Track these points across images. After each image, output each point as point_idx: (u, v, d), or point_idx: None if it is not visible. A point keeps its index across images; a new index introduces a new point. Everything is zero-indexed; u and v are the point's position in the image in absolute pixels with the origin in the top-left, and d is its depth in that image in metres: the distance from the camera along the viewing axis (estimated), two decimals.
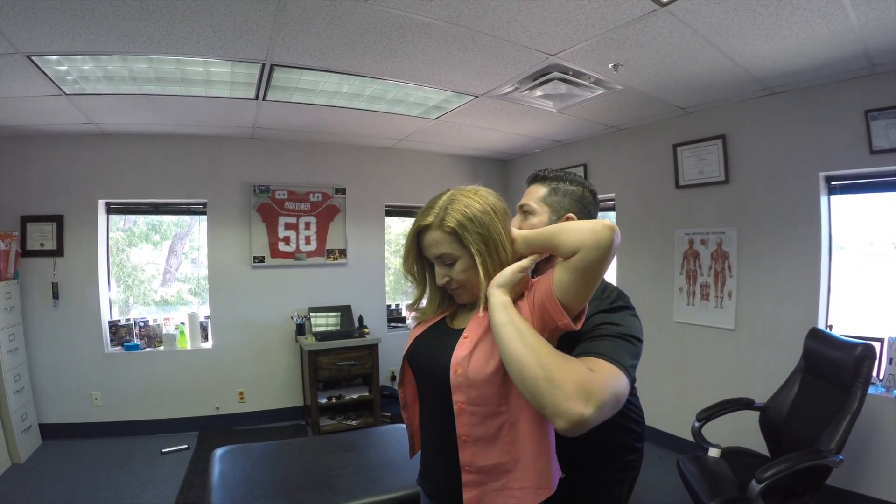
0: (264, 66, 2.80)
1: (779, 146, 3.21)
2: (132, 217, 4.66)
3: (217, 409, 4.27)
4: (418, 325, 1.31)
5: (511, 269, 1.10)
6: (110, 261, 4.29)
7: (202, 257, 4.46)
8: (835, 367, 2.47)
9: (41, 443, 3.83)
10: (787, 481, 2.25)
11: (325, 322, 4.45)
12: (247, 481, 2.32)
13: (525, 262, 1.12)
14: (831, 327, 3.09)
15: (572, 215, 1.40)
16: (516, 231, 1.17)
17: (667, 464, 3.41)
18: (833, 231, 3.13)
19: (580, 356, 1.07)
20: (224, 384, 4.30)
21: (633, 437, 1.49)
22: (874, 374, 2.81)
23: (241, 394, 4.37)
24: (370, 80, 3.05)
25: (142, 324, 4.20)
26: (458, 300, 1.23)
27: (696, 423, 2.74)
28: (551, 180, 1.45)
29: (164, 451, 3.73)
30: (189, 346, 4.24)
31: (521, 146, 5.04)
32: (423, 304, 1.32)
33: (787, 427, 2.63)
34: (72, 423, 3.95)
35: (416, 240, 1.20)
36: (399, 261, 1.16)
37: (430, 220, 1.14)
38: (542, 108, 3.59)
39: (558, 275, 1.04)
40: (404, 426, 1.39)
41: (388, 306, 5.13)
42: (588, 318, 1.16)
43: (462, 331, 1.16)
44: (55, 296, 3.91)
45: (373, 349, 4.29)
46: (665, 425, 3.90)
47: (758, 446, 2.77)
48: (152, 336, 4.19)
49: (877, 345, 2.84)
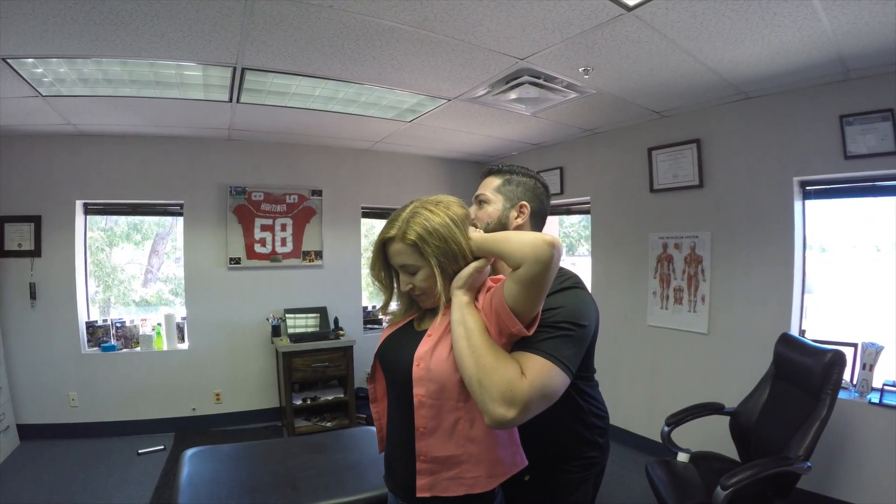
0: (235, 69, 2.80)
1: (753, 151, 3.21)
2: (113, 217, 4.66)
3: (193, 410, 4.28)
4: (390, 326, 1.39)
5: (467, 270, 1.19)
6: (89, 260, 4.28)
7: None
8: (805, 373, 2.46)
9: (19, 443, 3.83)
10: (756, 487, 2.24)
11: (300, 324, 4.45)
12: (213, 482, 2.34)
13: (479, 262, 1.20)
14: (804, 332, 3.09)
15: (525, 203, 1.49)
16: (472, 233, 1.23)
17: (639, 467, 3.42)
18: (808, 235, 3.13)
19: (521, 349, 1.16)
20: (200, 385, 4.30)
21: (595, 432, 1.50)
22: (847, 378, 2.83)
23: (218, 395, 4.37)
24: (343, 84, 3.04)
25: (119, 324, 4.20)
26: (422, 305, 1.30)
27: (666, 428, 2.75)
28: (505, 172, 1.54)
29: (140, 451, 3.73)
30: (166, 347, 4.24)
31: (497, 149, 5.04)
32: (393, 307, 1.39)
33: (757, 432, 2.62)
34: (49, 424, 3.95)
35: (382, 250, 1.27)
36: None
37: (393, 232, 1.21)
38: (517, 112, 3.59)
39: (507, 285, 1.11)
40: (374, 428, 1.45)
41: (365, 308, 5.13)
42: None
43: (424, 331, 1.25)
44: (33, 296, 3.90)
45: (347, 351, 4.30)
46: (638, 428, 3.91)
47: (728, 451, 2.77)
48: (129, 337, 4.18)
49: (850, 350, 2.86)
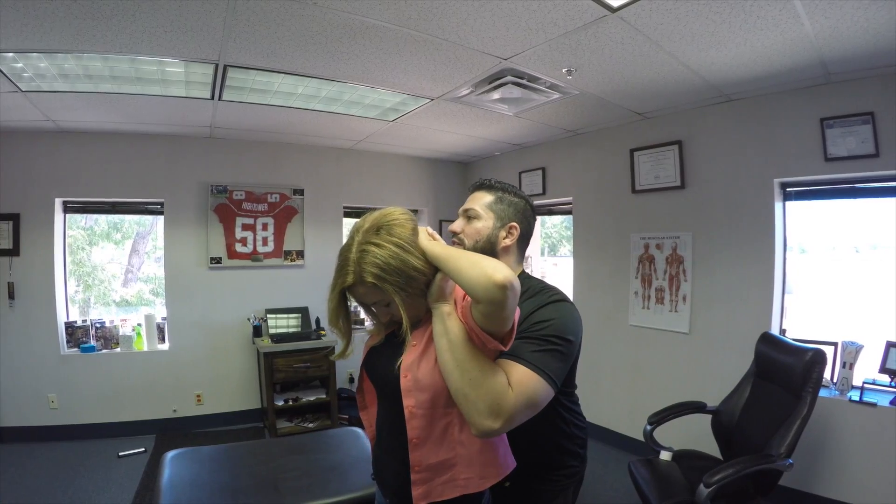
0: (217, 66, 2.77)
1: (735, 152, 3.25)
2: (93, 215, 4.59)
3: (175, 411, 4.22)
4: (372, 336, 1.38)
5: (435, 284, 1.18)
6: (69, 260, 4.21)
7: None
8: (785, 372, 2.49)
9: None
10: (738, 484, 2.27)
11: (281, 324, 4.42)
12: (195, 484, 2.33)
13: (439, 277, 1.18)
14: (785, 331, 3.13)
15: (515, 225, 1.51)
16: (424, 243, 1.18)
17: (622, 465, 3.43)
18: (789, 236, 3.17)
19: (508, 357, 1.18)
20: (181, 386, 4.25)
21: (576, 443, 1.53)
22: (827, 376, 2.86)
23: (199, 396, 4.32)
24: (325, 82, 3.02)
25: (98, 325, 4.13)
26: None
27: (648, 427, 2.77)
28: (497, 190, 1.53)
29: (121, 454, 3.68)
30: (146, 348, 4.18)
31: (480, 149, 5.04)
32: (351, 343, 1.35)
33: (739, 430, 2.65)
34: (29, 427, 3.88)
35: (343, 298, 1.21)
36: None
37: (350, 279, 1.15)
38: (500, 112, 3.59)
39: (473, 311, 1.09)
40: (356, 429, 1.54)
41: None
42: (526, 317, 1.28)
43: (404, 340, 1.23)
44: (11, 296, 3.83)
45: (329, 351, 4.23)
46: (620, 427, 3.94)
47: (711, 449, 2.79)
48: (109, 337, 4.12)
49: (830, 349, 2.90)
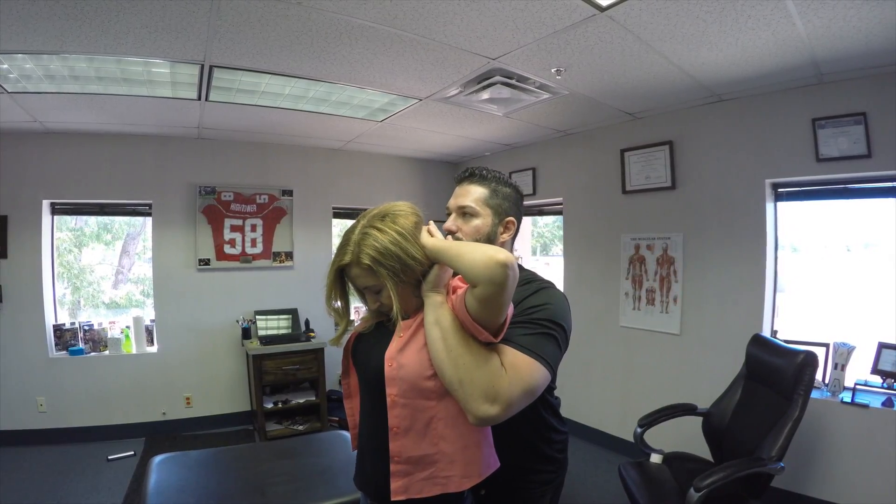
0: (203, 66, 2.75)
1: (726, 153, 3.23)
2: (83, 217, 4.55)
3: (164, 414, 4.19)
4: (360, 324, 1.37)
5: (433, 273, 1.18)
6: (57, 262, 4.17)
7: None
8: (777, 374, 2.48)
9: None
10: (730, 487, 2.25)
11: (271, 326, 4.40)
12: (181, 490, 2.30)
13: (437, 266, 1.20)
14: (776, 332, 3.11)
15: (513, 219, 1.46)
16: (425, 240, 1.19)
17: (612, 468, 3.41)
18: (781, 237, 3.15)
19: (505, 342, 1.15)
20: (170, 389, 4.22)
21: (555, 447, 1.49)
22: (819, 378, 2.85)
23: (188, 399, 4.29)
24: (312, 82, 3.00)
25: (87, 328, 4.09)
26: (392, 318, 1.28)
27: (639, 429, 2.75)
28: (489, 181, 1.44)
29: (110, 457, 3.65)
30: (134, 351, 4.14)
31: (470, 149, 5.02)
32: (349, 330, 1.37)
33: (730, 433, 2.63)
34: (17, 430, 3.84)
35: (339, 277, 1.24)
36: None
37: (348, 258, 1.18)
38: (489, 112, 3.57)
39: (468, 299, 1.10)
40: (344, 432, 1.47)
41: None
42: (517, 303, 1.25)
43: (390, 330, 1.24)
44: None
45: (318, 353, 4.26)
46: (611, 429, 3.94)
47: (702, 451, 2.78)
48: (97, 340, 4.08)
49: (822, 350, 2.88)
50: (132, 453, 3.72)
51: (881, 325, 2.85)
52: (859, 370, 2.85)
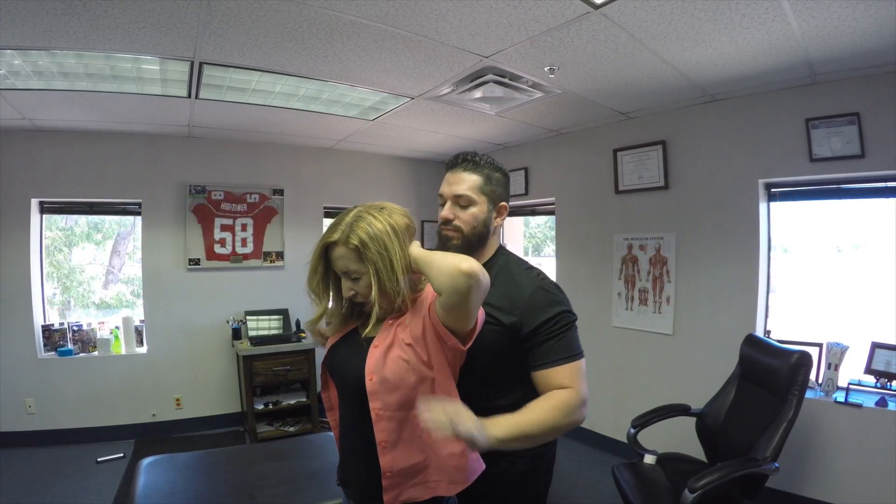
0: (193, 63, 2.71)
1: (719, 153, 3.22)
2: (73, 216, 4.50)
3: (154, 415, 4.15)
4: (333, 334, 1.36)
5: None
6: (46, 261, 4.12)
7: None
8: (771, 375, 2.46)
9: None
10: (724, 488, 2.24)
11: (262, 326, 4.36)
12: (170, 493, 2.28)
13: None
14: (769, 333, 3.11)
15: (505, 204, 1.49)
16: (411, 248, 1.23)
17: (606, 468, 3.41)
18: (773, 237, 3.15)
19: (545, 366, 1.30)
20: (160, 390, 4.18)
21: None
22: (813, 378, 2.85)
23: (178, 400, 4.25)
24: (304, 80, 2.97)
25: (76, 328, 4.04)
26: (366, 309, 1.27)
27: (632, 430, 2.73)
28: (482, 167, 1.46)
29: (99, 459, 3.61)
30: (124, 351, 4.09)
31: (462, 148, 4.90)
32: (323, 323, 1.36)
33: (724, 433, 2.62)
34: (5, 432, 3.78)
35: (324, 256, 1.25)
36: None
37: (336, 236, 1.20)
38: (482, 111, 3.55)
39: (436, 306, 1.14)
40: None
41: None
42: (525, 299, 1.35)
43: (370, 339, 1.24)
44: None
45: (309, 354, 4.22)
46: (604, 429, 3.92)
47: (695, 452, 2.76)
48: (86, 341, 4.03)
49: (815, 350, 2.88)
50: (122, 455, 3.68)
51: (874, 324, 2.85)
52: (853, 370, 2.84)
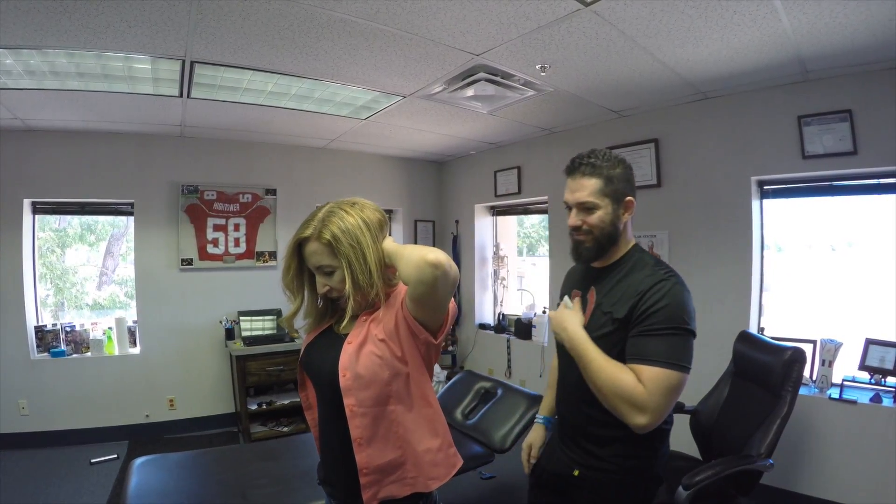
0: (184, 62, 2.71)
1: (711, 150, 3.22)
2: (66, 217, 4.48)
3: (147, 416, 4.13)
4: (309, 333, 1.38)
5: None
6: (39, 262, 4.10)
7: None
8: (764, 371, 2.45)
9: None
10: (719, 485, 2.22)
11: (256, 326, 4.34)
12: (162, 493, 2.28)
13: None
14: (763, 330, 3.10)
15: (631, 199, 1.47)
16: (385, 242, 1.25)
17: None
18: (767, 235, 3.14)
19: (637, 361, 1.30)
20: (153, 391, 4.16)
21: (656, 436, 1.43)
22: (807, 374, 2.84)
23: (172, 401, 4.23)
24: (295, 79, 2.97)
25: (69, 329, 4.02)
26: (341, 305, 1.27)
27: None
28: (600, 168, 1.44)
29: (93, 461, 3.59)
30: (117, 352, 4.07)
31: (455, 148, 5.00)
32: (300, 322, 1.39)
33: (718, 430, 2.61)
34: None
35: (297, 252, 1.25)
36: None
37: (308, 232, 1.21)
38: (474, 110, 3.55)
39: (406, 299, 1.16)
40: None
41: None
42: (639, 295, 1.36)
43: (345, 336, 1.24)
44: None
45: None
46: None
47: (690, 449, 2.75)
48: (79, 342, 4.01)
49: (809, 347, 2.88)
50: (115, 456, 3.66)
51: (868, 321, 2.85)
52: (847, 367, 2.84)
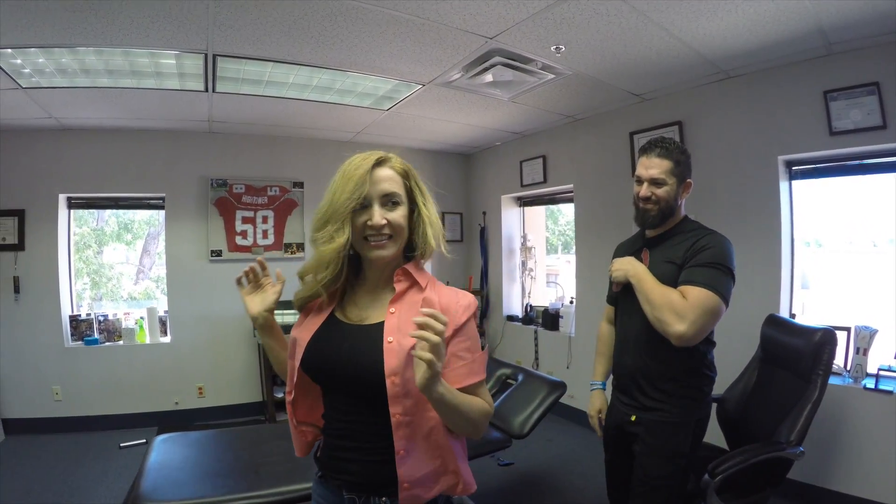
0: (207, 56, 2.79)
1: (736, 131, 3.13)
2: (104, 215, 4.66)
3: (176, 403, 4.25)
4: (308, 323, 1.15)
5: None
6: (74, 256, 4.30)
7: None
8: (793, 355, 2.35)
9: (4, 438, 3.85)
10: (746, 475, 2.14)
11: (282, 317, 4.40)
12: (178, 467, 2.34)
13: None
14: (794, 316, 2.98)
15: (690, 181, 1.83)
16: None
17: None
18: (804, 229, 3.03)
19: (681, 284, 1.65)
20: (183, 379, 4.28)
21: (704, 381, 1.85)
22: (840, 363, 2.72)
23: (200, 389, 4.34)
24: (316, 70, 3.03)
25: (102, 318, 4.18)
26: (376, 255, 1.08)
27: None
28: (672, 152, 1.76)
29: (122, 445, 3.72)
30: (148, 341, 4.22)
31: (480, 138, 4.98)
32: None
33: (746, 419, 2.51)
34: (34, 418, 3.95)
35: (361, 199, 1.07)
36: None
37: (382, 156, 1.13)
38: (495, 97, 3.54)
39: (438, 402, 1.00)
40: None
41: None
42: (688, 249, 1.72)
43: (371, 327, 1.08)
44: (16, 290, 3.92)
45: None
46: None
47: (716, 439, 2.65)
48: (112, 330, 4.17)
49: (843, 334, 2.75)
50: (144, 441, 3.76)
51: None
52: (883, 355, 2.70)
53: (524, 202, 5.26)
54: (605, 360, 2.16)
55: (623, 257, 1.88)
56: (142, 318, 4.25)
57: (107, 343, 4.15)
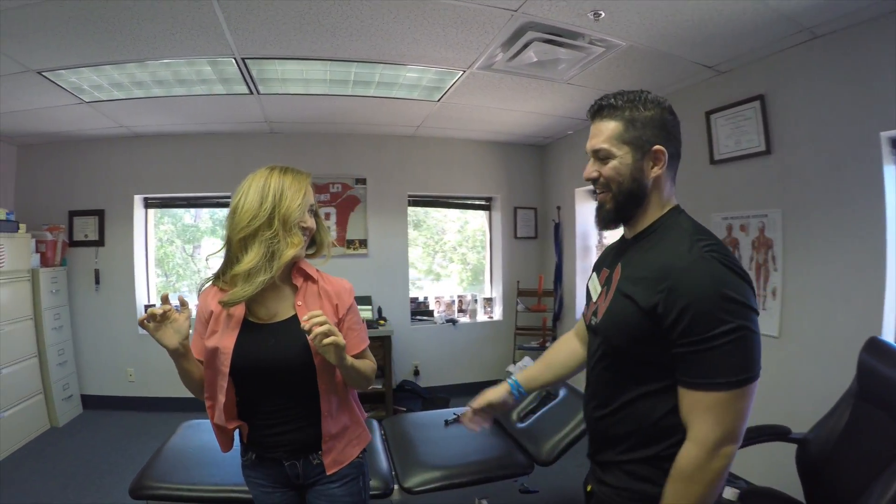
0: (236, 59, 2.83)
1: (829, 103, 2.49)
2: (201, 213, 5.02)
3: None
4: (213, 336, 1.29)
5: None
6: (157, 251, 4.68)
7: None
8: None
9: (82, 411, 4.33)
10: None
11: None
12: (198, 449, 2.43)
13: None
14: None
15: (661, 148, 1.14)
16: None
17: None
18: None
19: (682, 384, 1.03)
20: None
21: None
22: None
23: None
24: (343, 64, 2.98)
25: (176, 308, 4.45)
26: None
27: None
28: (621, 110, 1.15)
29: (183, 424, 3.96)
30: None
31: (549, 127, 4.59)
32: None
33: (831, 468, 2.00)
34: (109, 396, 4.40)
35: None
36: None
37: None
38: (547, 79, 3.22)
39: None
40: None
41: (414, 299, 5.04)
42: (667, 298, 1.03)
43: (287, 322, 1.31)
44: (97, 281, 4.36)
45: (385, 341, 4.24)
46: None
47: (792, 488, 2.14)
48: None
49: None
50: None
51: None
52: None
53: None
54: (541, 369, 1.56)
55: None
56: None
57: None
